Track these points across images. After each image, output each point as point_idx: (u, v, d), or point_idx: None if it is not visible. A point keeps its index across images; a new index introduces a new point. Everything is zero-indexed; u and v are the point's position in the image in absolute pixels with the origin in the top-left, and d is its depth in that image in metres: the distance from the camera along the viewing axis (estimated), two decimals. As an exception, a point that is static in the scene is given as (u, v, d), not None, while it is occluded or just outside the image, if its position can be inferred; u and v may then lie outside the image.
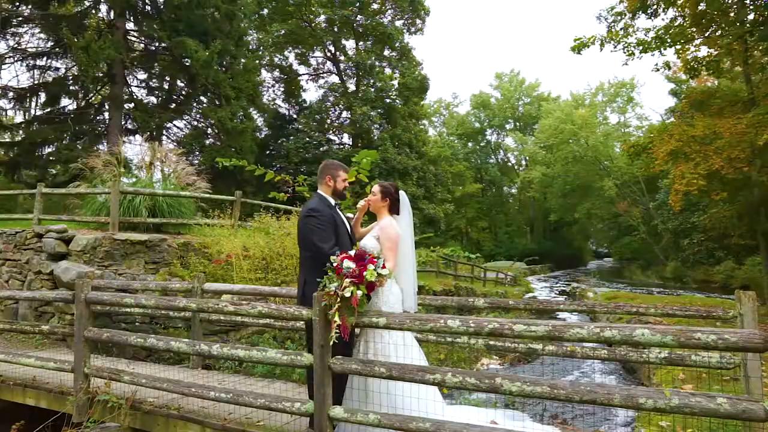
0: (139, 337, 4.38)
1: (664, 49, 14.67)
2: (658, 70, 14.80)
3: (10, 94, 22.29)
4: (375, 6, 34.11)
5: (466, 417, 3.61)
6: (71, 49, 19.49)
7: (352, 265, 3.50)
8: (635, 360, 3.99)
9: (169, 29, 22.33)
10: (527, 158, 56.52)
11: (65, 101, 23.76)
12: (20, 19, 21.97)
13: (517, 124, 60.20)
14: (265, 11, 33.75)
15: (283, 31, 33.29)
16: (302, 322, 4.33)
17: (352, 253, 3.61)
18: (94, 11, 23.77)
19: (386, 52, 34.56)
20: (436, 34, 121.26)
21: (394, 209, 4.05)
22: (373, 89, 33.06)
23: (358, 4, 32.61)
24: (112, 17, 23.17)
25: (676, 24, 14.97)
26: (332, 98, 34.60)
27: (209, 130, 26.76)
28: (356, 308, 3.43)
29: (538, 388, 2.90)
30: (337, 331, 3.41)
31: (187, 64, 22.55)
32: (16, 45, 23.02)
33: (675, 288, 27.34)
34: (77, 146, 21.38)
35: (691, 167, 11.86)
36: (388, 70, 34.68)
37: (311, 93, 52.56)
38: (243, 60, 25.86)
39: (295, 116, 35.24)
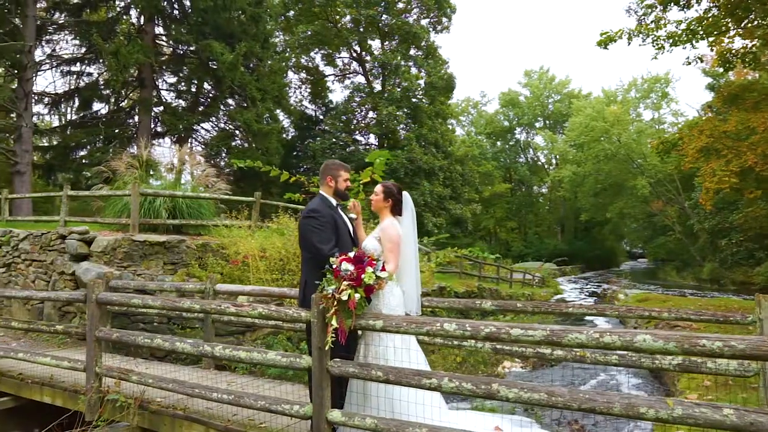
0: (146, 338, 4.42)
1: (696, 41, 14.13)
2: (689, 63, 14.27)
3: (46, 99, 23.05)
4: (400, 5, 34.02)
5: (466, 423, 3.51)
6: (101, 54, 19.99)
7: (351, 267, 3.44)
8: (648, 366, 3.83)
9: (196, 33, 22.74)
10: (557, 157, 55.54)
11: (98, 105, 24.47)
12: (55, 26, 22.69)
13: (547, 122, 59.21)
14: (291, 13, 34.04)
15: (309, 32, 33.49)
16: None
17: (351, 254, 3.55)
18: (125, 17, 24.41)
19: (412, 52, 34.42)
20: (462, 32, 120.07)
21: (396, 210, 3.98)
22: (399, 89, 32.99)
23: (383, 4, 32.59)
24: (141, 22, 23.72)
25: (709, 15, 14.41)
26: (358, 98, 34.65)
27: (237, 132, 27.07)
28: (353, 311, 3.37)
29: (535, 394, 2.79)
30: (334, 335, 3.35)
31: (214, 66, 22.90)
32: (51, 52, 23.81)
33: (711, 290, 26.41)
34: (109, 149, 21.94)
35: (722, 164, 11.36)
36: (414, 70, 34.53)
37: (338, 94, 52.53)
38: (269, 62, 26.12)
39: (321, 117, 35.44)
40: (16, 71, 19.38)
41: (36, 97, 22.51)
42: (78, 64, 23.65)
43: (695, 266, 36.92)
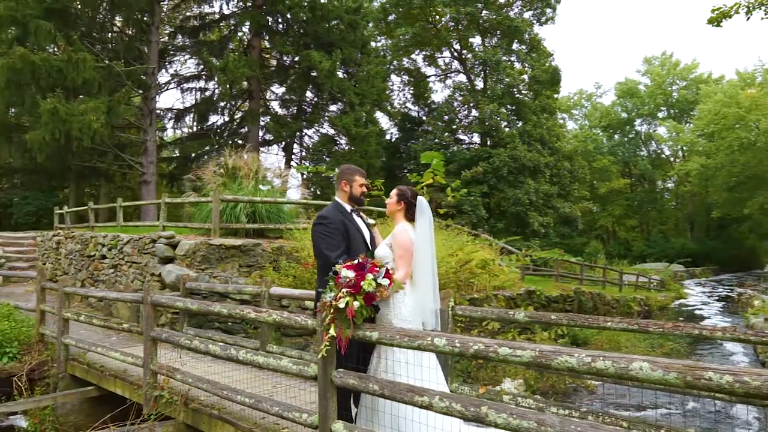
0: (187, 339, 4.65)
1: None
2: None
3: (169, 115, 25.48)
4: (501, 0, 33.02)
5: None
6: (212, 70, 21.63)
7: (351, 274, 3.33)
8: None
9: (297, 44, 23.84)
10: (684, 148, 50.53)
11: (214, 118, 26.54)
12: (175, 48, 25.01)
13: (671, 111, 53.96)
14: (392, 17, 34.42)
15: (408, 35, 33.66)
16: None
17: (357, 261, 3.44)
18: (239, 34, 26.28)
19: (514, 46, 33.22)
20: (570, 21, 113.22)
21: (409, 215, 3.79)
22: (501, 85, 31.98)
23: (483, 0, 31.82)
24: (250, 37, 25.34)
25: None
26: (459, 97, 34.18)
27: (340, 138, 27.82)
28: (352, 320, 3.25)
29: (524, 422, 2.49)
30: (328, 344, 3.27)
31: (314, 75, 23.83)
32: (175, 72, 26.30)
33: None
34: (221, 158, 23.71)
35: None
36: (517, 65, 33.37)
37: (440, 94, 51.85)
38: (368, 67, 26.60)
39: (424, 118, 35.42)
40: (141, 91, 21.59)
41: (161, 113, 24.98)
42: (196, 81, 25.87)
43: None
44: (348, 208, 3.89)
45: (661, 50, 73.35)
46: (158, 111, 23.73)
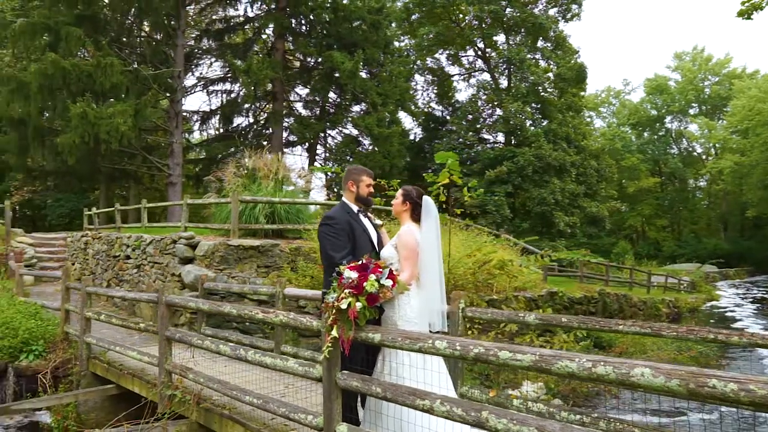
0: (199, 339, 4.70)
1: None
2: None
3: (195, 117, 25.89)
4: (525, -4, 32.64)
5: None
6: (235, 72, 21.90)
7: (354, 275, 3.30)
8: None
9: (320, 45, 23.96)
10: (716, 146, 49.10)
11: (239, 120, 26.84)
12: (201, 51, 25.39)
13: (703, 107, 52.52)
14: (415, 16, 34.31)
15: (432, 34, 33.50)
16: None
17: (360, 262, 3.41)
18: (263, 36, 26.55)
19: (539, 43, 32.80)
20: (596, 17, 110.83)
21: (415, 215, 3.75)
22: (526, 84, 31.58)
23: (506, -3, 31.49)
24: (273, 39, 25.57)
25: None
26: (484, 96, 33.86)
27: (364, 138, 27.81)
28: (354, 321, 3.23)
29: (524, 428, 2.43)
30: (331, 345, 3.25)
31: (337, 75, 23.91)
32: (200, 75, 26.69)
33: None
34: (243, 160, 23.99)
35: None
36: (542, 63, 32.90)
37: (464, 93, 51.35)
38: (390, 66, 26.54)
39: (448, 117, 35.21)
40: (168, 94, 21.98)
41: (187, 115, 25.39)
42: (221, 83, 26.20)
43: None
44: (355, 208, 3.87)
45: (692, 45, 71.47)
46: (184, 113, 24.12)
